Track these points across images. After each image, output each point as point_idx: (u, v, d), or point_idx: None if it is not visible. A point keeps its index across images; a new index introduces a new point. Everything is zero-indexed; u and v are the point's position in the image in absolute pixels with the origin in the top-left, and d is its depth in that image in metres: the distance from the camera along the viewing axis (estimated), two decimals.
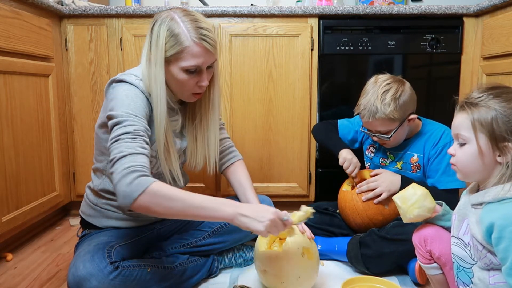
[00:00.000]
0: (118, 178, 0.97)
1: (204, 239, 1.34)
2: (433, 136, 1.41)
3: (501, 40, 1.60)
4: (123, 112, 1.06)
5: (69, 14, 1.83)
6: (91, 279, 1.02)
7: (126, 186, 0.96)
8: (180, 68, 1.13)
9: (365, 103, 1.35)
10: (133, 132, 1.04)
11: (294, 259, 1.14)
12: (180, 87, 1.17)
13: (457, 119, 0.89)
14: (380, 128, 1.37)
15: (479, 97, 0.86)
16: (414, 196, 0.97)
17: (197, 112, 1.29)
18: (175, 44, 1.10)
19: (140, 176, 0.97)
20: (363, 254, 1.32)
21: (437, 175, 1.37)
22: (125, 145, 1.01)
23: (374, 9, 1.83)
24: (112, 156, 1.01)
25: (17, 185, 1.53)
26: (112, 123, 1.06)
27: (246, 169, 1.42)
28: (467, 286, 0.91)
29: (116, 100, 1.10)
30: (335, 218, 1.53)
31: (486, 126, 0.83)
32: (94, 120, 1.90)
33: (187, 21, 1.11)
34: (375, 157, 1.56)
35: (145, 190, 0.95)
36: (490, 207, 0.82)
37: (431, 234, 1.01)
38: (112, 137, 1.04)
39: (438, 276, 1.04)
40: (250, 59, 1.87)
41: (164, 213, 0.99)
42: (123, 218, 1.26)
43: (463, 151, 0.87)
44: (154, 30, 1.13)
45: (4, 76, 1.45)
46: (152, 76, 1.12)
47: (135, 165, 0.98)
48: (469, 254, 0.89)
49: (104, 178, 1.24)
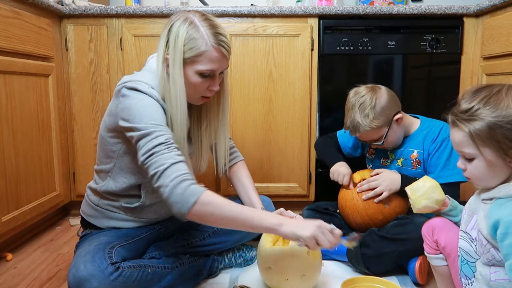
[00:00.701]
0: (169, 190, 0.99)
1: (204, 239, 1.34)
2: (431, 132, 1.43)
3: (501, 40, 1.60)
4: (148, 123, 1.06)
5: (69, 14, 1.83)
6: (92, 280, 1.02)
7: (180, 196, 0.99)
8: (195, 71, 1.13)
9: (349, 120, 1.41)
10: (165, 142, 1.04)
11: (300, 257, 1.15)
12: (192, 90, 1.16)
13: (455, 136, 0.88)
14: (371, 137, 1.43)
15: (469, 110, 0.83)
16: (423, 188, 1.01)
17: (204, 116, 1.29)
18: (193, 47, 1.11)
19: (191, 184, 1.00)
20: (363, 254, 1.32)
21: (437, 170, 1.38)
22: (163, 157, 1.02)
23: (374, 9, 1.83)
24: (153, 171, 1.02)
25: (17, 185, 1.53)
26: (138, 135, 1.05)
27: (247, 170, 1.43)
28: (469, 279, 0.92)
29: (132, 110, 1.08)
30: (335, 218, 1.53)
31: (488, 140, 0.81)
32: (94, 120, 1.90)
33: (206, 26, 1.12)
34: (376, 158, 1.57)
35: (199, 199, 0.99)
36: (499, 203, 0.83)
37: (439, 224, 1.03)
38: (144, 151, 1.04)
39: (442, 267, 1.04)
40: (250, 59, 1.87)
41: (216, 222, 1.04)
42: (124, 218, 1.26)
43: (473, 166, 0.86)
44: (172, 30, 1.12)
45: (4, 76, 1.45)
46: (171, 78, 1.12)
47: (181, 174, 1.01)
48: (475, 249, 0.90)
49: (109, 180, 1.23)
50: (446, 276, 1.05)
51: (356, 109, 1.39)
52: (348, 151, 1.66)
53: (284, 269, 1.16)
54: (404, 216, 1.37)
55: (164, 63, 1.13)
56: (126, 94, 1.10)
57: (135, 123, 1.06)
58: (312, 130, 1.92)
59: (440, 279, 1.07)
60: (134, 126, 1.06)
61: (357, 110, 1.38)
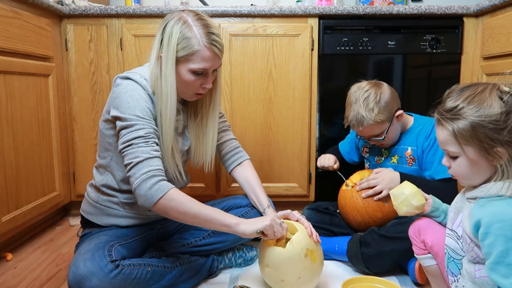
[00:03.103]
0: (138, 182, 1.06)
1: (204, 239, 1.34)
2: (424, 129, 1.44)
3: (501, 40, 1.60)
4: (131, 115, 1.11)
5: (69, 14, 1.83)
6: (92, 278, 1.02)
7: (147, 190, 1.06)
8: (188, 69, 1.17)
9: (351, 114, 1.41)
10: (144, 136, 1.10)
11: (296, 259, 1.14)
12: (185, 87, 1.20)
13: (439, 135, 0.89)
14: (372, 132, 1.43)
15: (453, 109, 0.85)
16: (402, 196, 1.05)
17: (198, 111, 1.33)
18: (186, 46, 1.14)
19: (159, 181, 1.07)
20: (363, 253, 1.32)
21: (433, 166, 1.39)
22: (139, 150, 1.08)
23: (374, 9, 1.83)
24: (128, 161, 1.08)
25: (17, 185, 1.53)
26: (121, 125, 1.11)
27: (253, 168, 1.44)
28: (455, 276, 0.94)
29: (120, 100, 1.13)
30: (335, 218, 1.53)
31: (470, 139, 0.83)
32: (94, 120, 1.90)
33: (199, 26, 1.16)
34: (371, 156, 1.59)
35: (164, 195, 1.06)
36: (481, 203, 0.84)
37: (424, 224, 1.05)
38: (124, 141, 1.10)
39: (433, 267, 1.05)
40: (250, 59, 1.87)
41: (178, 218, 1.10)
42: (123, 215, 1.27)
43: (457, 164, 0.88)
44: (166, 30, 1.15)
45: (4, 76, 1.45)
46: (163, 74, 1.16)
47: (153, 170, 1.07)
48: (461, 246, 0.91)
49: (107, 174, 1.25)
50: (438, 275, 1.05)
51: (360, 103, 1.38)
52: (348, 157, 1.68)
53: (279, 269, 1.15)
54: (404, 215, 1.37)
55: (158, 60, 1.17)
56: (118, 82, 1.17)
57: (121, 113, 1.12)
58: (312, 130, 1.92)
59: (433, 279, 1.08)
60: (119, 115, 1.12)
61: (361, 104, 1.38)
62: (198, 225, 1.13)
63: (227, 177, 1.93)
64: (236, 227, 1.11)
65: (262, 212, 1.35)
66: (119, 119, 1.12)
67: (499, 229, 0.78)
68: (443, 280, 1.05)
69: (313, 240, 1.17)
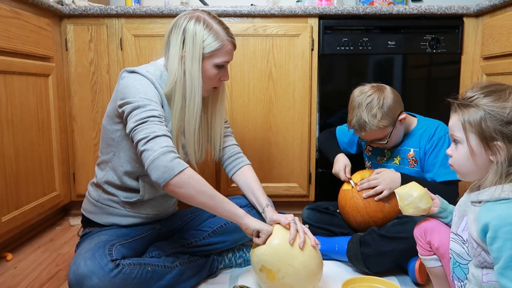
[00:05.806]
0: (157, 155, 1.04)
1: (204, 239, 1.34)
2: (427, 130, 1.44)
3: (501, 40, 1.60)
4: (143, 98, 1.11)
5: (69, 14, 1.83)
6: (92, 277, 1.03)
7: (168, 162, 1.04)
8: (213, 64, 1.22)
9: (354, 119, 1.40)
10: (158, 116, 1.10)
11: (255, 269, 1.18)
12: (207, 82, 1.24)
13: (451, 120, 0.91)
14: (375, 137, 1.43)
15: (471, 98, 0.87)
16: (410, 198, 1.03)
17: (209, 105, 1.35)
18: (213, 42, 1.19)
19: (178, 157, 1.07)
20: (363, 253, 1.32)
21: (434, 169, 1.39)
22: (156, 126, 1.08)
23: (374, 9, 1.83)
24: (143, 135, 1.06)
25: (17, 185, 1.53)
26: (131, 107, 1.11)
27: (254, 172, 1.44)
28: (461, 281, 0.93)
29: (129, 88, 1.14)
30: (335, 218, 1.53)
31: (475, 126, 0.84)
32: (94, 120, 1.90)
33: (216, 23, 1.22)
34: (373, 155, 1.58)
35: (184, 170, 1.05)
36: (488, 206, 0.83)
37: (431, 226, 1.04)
38: (137, 119, 1.08)
39: (437, 268, 1.05)
40: (250, 59, 1.87)
41: (192, 196, 1.08)
42: (124, 214, 1.27)
43: (457, 152, 0.89)
44: (188, 29, 1.18)
45: (4, 76, 1.45)
46: (187, 72, 1.19)
47: (171, 146, 1.07)
48: (466, 250, 0.90)
49: (108, 170, 1.25)
50: (442, 276, 1.05)
51: (363, 108, 1.37)
52: (344, 147, 1.67)
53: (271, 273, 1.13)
54: (404, 215, 1.37)
55: (181, 60, 1.19)
56: (124, 76, 1.18)
57: (132, 98, 1.12)
58: (312, 130, 1.92)
59: (436, 280, 1.08)
60: (128, 100, 1.12)
61: (364, 109, 1.37)
62: (207, 208, 1.12)
63: (227, 178, 1.92)
64: (242, 218, 1.15)
65: (262, 211, 1.35)
66: (127, 103, 1.12)
67: (507, 232, 0.77)
68: (447, 282, 1.04)
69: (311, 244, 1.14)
